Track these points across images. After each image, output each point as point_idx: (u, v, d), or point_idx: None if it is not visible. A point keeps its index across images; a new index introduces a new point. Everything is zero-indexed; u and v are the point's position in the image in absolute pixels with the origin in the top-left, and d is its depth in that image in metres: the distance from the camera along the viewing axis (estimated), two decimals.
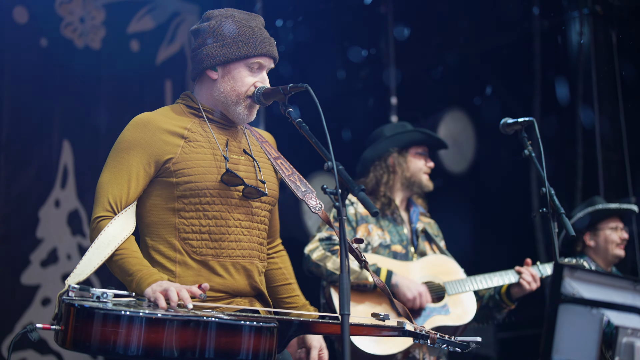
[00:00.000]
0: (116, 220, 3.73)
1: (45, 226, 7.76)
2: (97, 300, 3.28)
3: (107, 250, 3.67)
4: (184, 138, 3.86)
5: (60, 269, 7.77)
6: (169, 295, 3.41)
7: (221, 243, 3.83)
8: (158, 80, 8.76)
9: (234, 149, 3.96)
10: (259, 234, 3.96)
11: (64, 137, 7.96)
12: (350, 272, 5.25)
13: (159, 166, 3.82)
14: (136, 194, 3.82)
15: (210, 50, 3.96)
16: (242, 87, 3.93)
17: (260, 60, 3.95)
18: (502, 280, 5.73)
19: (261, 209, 3.96)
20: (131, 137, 3.86)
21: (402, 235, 5.80)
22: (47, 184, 7.84)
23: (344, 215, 3.27)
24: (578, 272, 2.90)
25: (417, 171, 5.93)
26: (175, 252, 3.82)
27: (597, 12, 7.78)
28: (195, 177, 3.80)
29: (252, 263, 3.89)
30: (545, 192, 4.57)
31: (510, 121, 4.85)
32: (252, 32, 3.97)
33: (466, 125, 8.82)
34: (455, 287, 5.68)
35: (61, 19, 8.02)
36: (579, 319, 2.87)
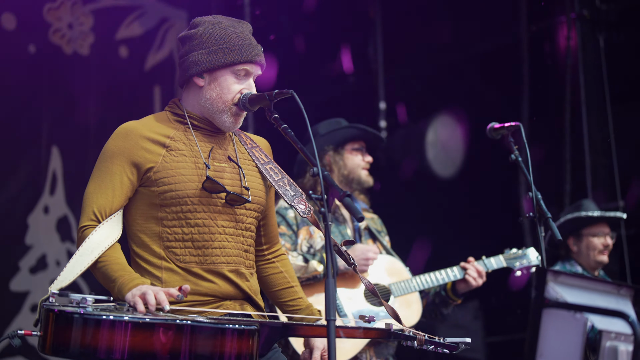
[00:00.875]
0: (100, 228, 3.75)
1: (34, 232, 7.75)
2: (77, 305, 3.28)
3: (90, 258, 3.69)
4: (165, 147, 3.86)
5: (50, 275, 7.75)
6: (146, 298, 3.42)
7: (205, 250, 3.83)
8: (147, 86, 8.75)
9: (219, 156, 3.95)
10: (244, 240, 3.95)
11: (52, 143, 7.95)
12: (297, 270, 5.29)
13: (141, 175, 3.83)
14: (120, 202, 3.83)
15: (197, 57, 3.95)
16: (228, 94, 3.92)
17: (247, 67, 3.94)
18: (447, 277, 5.68)
19: (246, 216, 3.95)
20: (114, 147, 3.87)
21: (344, 235, 5.69)
22: (36, 190, 7.83)
23: (329, 221, 3.28)
24: (562, 276, 2.92)
25: (354, 167, 5.78)
26: (160, 259, 3.83)
27: (584, 16, 7.81)
28: (176, 186, 3.80)
29: (237, 269, 3.89)
30: (532, 196, 4.59)
31: (497, 126, 4.86)
32: (238, 39, 3.96)
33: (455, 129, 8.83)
34: (401, 289, 5.61)
35: (49, 25, 8.01)
36: (563, 323, 2.88)
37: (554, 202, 7.36)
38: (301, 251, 5.55)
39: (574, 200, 7.20)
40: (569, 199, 7.59)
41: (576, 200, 7.13)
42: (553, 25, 8.17)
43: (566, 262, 6.68)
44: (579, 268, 6.60)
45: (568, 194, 7.64)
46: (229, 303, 3.86)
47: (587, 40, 7.84)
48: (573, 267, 6.62)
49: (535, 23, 8.34)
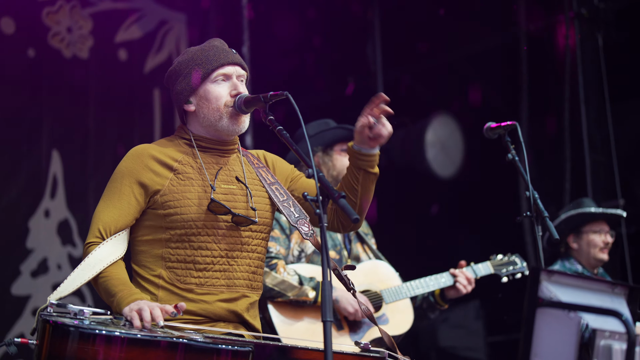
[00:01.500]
0: (104, 245, 3.82)
1: (35, 236, 7.76)
2: (74, 317, 3.29)
3: (91, 272, 3.74)
4: (173, 170, 3.94)
5: (51, 279, 7.77)
6: (142, 314, 3.45)
7: (205, 273, 3.87)
8: (146, 89, 8.76)
9: (226, 177, 4.00)
10: (251, 262, 3.97)
11: (53, 147, 7.96)
12: (289, 288, 5.28)
13: (148, 196, 3.91)
14: (126, 221, 3.91)
15: (178, 88, 4.06)
16: (217, 101, 3.97)
17: (222, 71, 4.00)
18: (437, 284, 5.67)
19: (252, 238, 3.98)
20: (124, 168, 3.98)
21: (334, 240, 5.66)
22: (36, 194, 7.84)
23: (325, 222, 3.28)
24: (555, 275, 2.93)
25: (343, 168, 5.64)
26: (159, 279, 3.89)
27: (583, 15, 7.81)
28: (182, 210, 3.87)
29: (237, 292, 3.91)
30: (530, 195, 4.60)
31: (494, 125, 4.87)
32: (204, 52, 4.05)
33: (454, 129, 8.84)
34: (393, 295, 5.59)
35: (48, 28, 8.02)
36: (557, 322, 2.88)
37: (553, 201, 7.36)
38: (293, 257, 5.54)
39: (574, 199, 7.19)
40: (569, 197, 7.59)
41: (576, 199, 7.13)
42: (552, 24, 8.17)
43: (565, 261, 6.68)
44: (578, 266, 6.60)
45: (567, 193, 7.64)
46: (222, 324, 3.88)
47: (586, 38, 7.84)
48: (573, 265, 6.62)
49: (533, 22, 8.34)
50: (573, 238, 6.66)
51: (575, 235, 6.66)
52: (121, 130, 8.43)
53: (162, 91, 8.79)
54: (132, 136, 8.52)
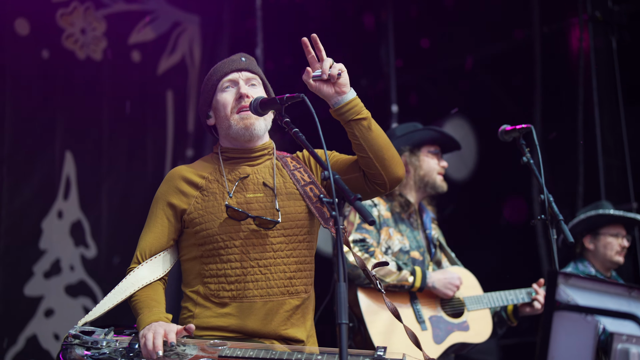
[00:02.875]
0: (139, 268, 3.97)
1: (48, 237, 7.79)
2: (92, 345, 3.37)
3: (122, 295, 3.89)
4: (199, 188, 4.02)
5: (63, 280, 7.79)
6: (146, 344, 3.59)
7: (237, 285, 3.91)
8: (159, 90, 8.79)
9: (252, 185, 4.03)
10: (286, 268, 3.96)
11: (66, 148, 7.98)
12: (388, 274, 5.30)
13: (179, 215, 4.03)
14: (161, 243, 4.04)
15: (199, 104, 4.21)
16: (225, 108, 4.05)
17: (228, 78, 4.09)
18: (516, 299, 5.69)
19: (286, 243, 3.98)
20: (159, 192, 4.12)
21: (419, 242, 5.71)
22: (49, 195, 7.87)
23: (341, 225, 3.28)
24: (573, 279, 2.91)
25: (430, 171, 5.78)
26: (197, 295, 3.96)
27: (597, 17, 7.78)
28: (207, 225, 3.94)
29: (272, 301, 3.91)
30: (544, 199, 4.59)
31: (509, 128, 4.86)
32: (216, 66, 4.16)
33: (467, 132, 8.82)
34: (475, 303, 5.64)
35: (62, 30, 8.05)
36: (574, 325, 2.87)
37: (566, 204, 7.33)
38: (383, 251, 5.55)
39: (587, 202, 7.17)
40: (582, 200, 7.55)
41: (589, 202, 7.11)
42: (565, 26, 8.14)
43: (579, 263, 6.65)
44: (592, 269, 6.58)
45: (581, 196, 7.61)
46: (256, 339, 3.90)
47: (600, 41, 7.81)
48: (586, 268, 6.59)
49: (547, 25, 8.31)
50: (590, 239, 6.63)
51: (592, 236, 6.63)
52: (134, 131, 8.46)
53: (175, 93, 8.81)
54: (144, 137, 8.54)
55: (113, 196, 8.19)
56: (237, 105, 4.01)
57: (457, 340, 5.49)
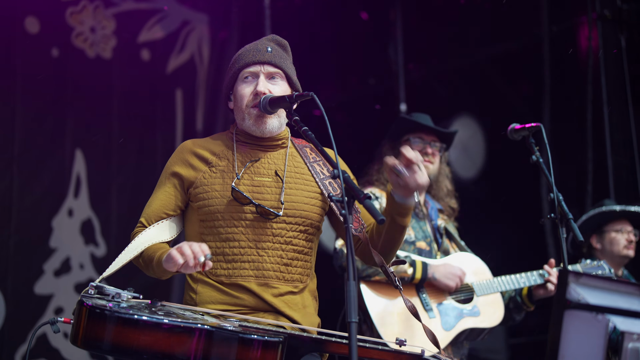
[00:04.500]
0: (147, 230, 3.97)
1: (58, 236, 7.79)
2: (112, 299, 3.32)
3: (134, 252, 3.85)
4: (208, 163, 4.04)
5: (73, 279, 7.80)
6: (182, 249, 3.53)
7: (234, 264, 3.92)
8: (169, 89, 8.81)
9: (263, 170, 4.03)
10: (284, 254, 3.97)
11: (76, 146, 7.99)
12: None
13: (186, 187, 4.04)
14: (167, 209, 4.05)
15: (224, 84, 4.21)
16: (242, 100, 4.05)
17: (249, 70, 4.06)
18: (528, 282, 5.63)
19: (287, 230, 3.98)
20: (168, 163, 4.14)
21: (425, 232, 5.70)
22: (60, 194, 7.88)
23: (350, 223, 3.27)
24: (583, 277, 2.90)
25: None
26: (198, 272, 3.94)
27: (605, 16, 7.75)
28: (210, 201, 3.95)
29: (266, 284, 3.91)
30: (554, 197, 4.57)
31: (518, 127, 4.85)
32: (243, 50, 4.14)
33: (475, 131, 8.81)
34: (484, 288, 5.60)
35: (72, 28, 8.06)
36: (585, 324, 2.86)
37: (575, 203, 7.31)
38: None
39: (596, 201, 7.15)
40: (591, 199, 7.53)
41: (598, 200, 7.08)
42: (574, 25, 8.12)
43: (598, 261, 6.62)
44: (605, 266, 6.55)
45: (590, 195, 7.58)
46: (262, 314, 3.89)
47: (609, 40, 7.78)
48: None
49: (556, 24, 8.29)
50: (596, 239, 6.62)
51: (598, 235, 6.62)
52: (144, 130, 8.47)
53: (185, 91, 8.82)
54: (154, 136, 8.55)
55: (123, 194, 8.19)
56: (253, 101, 4.01)
57: (467, 325, 5.46)
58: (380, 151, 5.94)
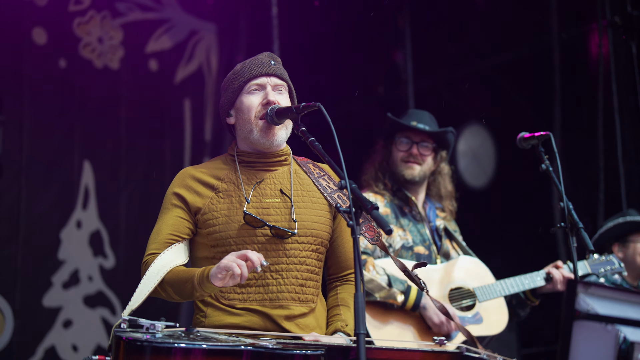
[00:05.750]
0: (163, 254, 3.89)
1: (66, 248, 7.81)
2: (146, 331, 3.30)
3: (156, 278, 3.79)
4: (214, 189, 4.00)
5: (82, 291, 7.81)
6: (247, 256, 3.52)
7: (248, 289, 3.90)
8: (177, 99, 8.82)
9: (270, 191, 4.01)
10: (298, 275, 3.96)
11: (84, 157, 8.01)
12: (377, 288, 5.23)
13: (193, 214, 4.00)
14: (180, 233, 3.98)
15: (221, 102, 4.15)
16: (249, 112, 4.01)
17: (256, 82, 4.04)
18: (532, 284, 5.57)
19: (300, 250, 3.97)
20: (170, 190, 4.08)
21: (423, 235, 5.64)
22: (68, 205, 7.89)
23: (358, 234, 3.27)
24: (592, 287, 2.90)
25: (394, 160, 5.77)
26: (208, 296, 3.93)
27: (616, 23, 7.74)
28: (220, 227, 3.92)
29: (280, 307, 3.91)
30: (564, 206, 4.57)
31: (527, 135, 4.84)
32: (244, 65, 4.11)
33: (485, 139, 8.80)
34: (486, 293, 5.52)
35: (80, 39, 8.08)
36: (594, 335, 2.86)
37: (586, 212, 7.30)
38: (381, 252, 5.47)
39: (608, 209, 7.13)
40: (603, 208, 7.51)
41: (610, 209, 7.07)
42: (584, 32, 8.12)
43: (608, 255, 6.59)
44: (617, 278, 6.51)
45: (601, 203, 7.56)
46: (267, 333, 3.87)
47: (619, 47, 7.77)
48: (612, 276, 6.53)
49: (566, 30, 8.29)
50: (618, 247, 6.57)
51: (621, 244, 6.57)
52: (152, 140, 8.48)
53: (193, 102, 8.83)
54: (162, 146, 8.56)
55: (131, 206, 8.21)
56: (263, 111, 3.98)
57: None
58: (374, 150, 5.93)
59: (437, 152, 5.84)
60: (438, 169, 5.88)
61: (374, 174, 5.80)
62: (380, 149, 5.86)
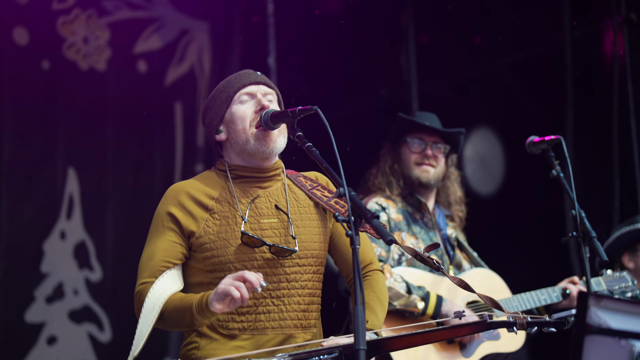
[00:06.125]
0: (157, 283, 3.86)
1: (50, 260, 7.78)
2: None
3: (153, 314, 3.77)
4: (208, 210, 3.98)
5: (67, 305, 7.79)
6: (245, 277, 3.50)
7: (248, 316, 3.89)
8: (168, 102, 8.80)
9: (266, 210, 4.02)
10: (301, 300, 3.96)
11: (68, 164, 7.99)
12: (396, 296, 5.24)
13: (186, 236, 3.97)
14: (174, 258, 3.96)
15: (207, 120, 4.17)
16: (242, 122, 4.03)
17: (246, 91, 4.07)
18: (549, 299, 5.60)
19: (301, 273, 3.98)
20: (161, 210, 4.05)
21: None
22: (51, 215, 7.87)
23: (357, 245, 3.28)
24: (605, 300, 2.91)
25: (406, 162, 5.82)
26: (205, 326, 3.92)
27: (632, 20, 7.75)
28: (218, 251, 3.90)
29: (284, 334, 3.91)
30: (575, 214, 4.58)
31: (537, 139, 4.86)
32: (228, 79, 4.15)
33: (494, 143, 8.80)
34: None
35: (63, 39, 8.06)
36: (607, 350, 2.87)
37: (602, 220, 7.30)
38: (393, 260, 5.48)
39: (623, 218, 7.13)
40: (618, 215, 7.51)
41: (626, 216, 7.06)
42: (598, 30, 8.12)
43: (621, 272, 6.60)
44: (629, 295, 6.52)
45: (617, 211, 7.56)
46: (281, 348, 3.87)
47: (635, 45, 7.78)
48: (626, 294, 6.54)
49: (579, 28, 8.29)
50: (628, 257, 6.57)
51: (631, 253, 6.57)
52: (141, 146, 8.46)
53: (184, 105, 8.82)
54: (152, 152, 8.55)
55: (119, 215, 8.18)
56: (257, 119, 4.00)
57: (488, 351, 5.41)
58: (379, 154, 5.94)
59: (449, 154, 5.87)
60: (447, 174, 5.90)
61: (384, 178, 5.81)
62: (388, 152, 5.87)
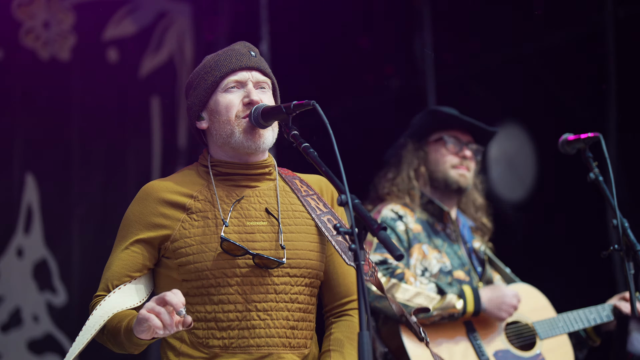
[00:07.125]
0: (108, 297, 3.88)
1: (5, 281, 7.80)
2: None
3: (92, 330, 3.78)
4: (186, 210, 3.99)
5: (25, 334, 7.79)
6: (166, 299, 3.48)
7: (230, 332, 3.89)
8: (142, 96, 8.80)
9: (254, 211, 4.02)
10: (290, 315, 3.96)
11: (26, 169, 8.00)
12: (427, 300, 5.25)
13: (157, 242, 3.97)
14: (131, 271, 3.98)
15: (189, 102, 4.14)
16: (227, 112, 4.01)
17: (235, 78, 4.04)
18: (599, 318, 5.51)
19: (291, 285, 3.98)
20: (131, 213, 4.06)
21: (461, 258, 5.69)
22: (6, 229, 7.89)
23: (362, 260, 3.28)
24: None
25: (438, 163, 5.84)
26: (180, 342, 3.94)
27: None
28: (195, 257, 3.90)
29: (270, 354, 3.91)
30: (617, 224, 4.58)
31: (571, 138, 4.86)
32: (217, 57, 4.11)
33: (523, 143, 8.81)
34: (548, 329, 5.54)
35: (20, 24, 8.06)
36: None
37: None
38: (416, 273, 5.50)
39: None
40: None
41: None
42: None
43: None
44: None
45: None
46: None
47: None
48: None
49: (623, 7, 8.28)
50: None
51: None
52: (111, 147, 8.45)
53: (162, 100, 8.80)
54: (124, 155, 8.54)
55: (86, 229, 8.18)
56: (245, 111, 3.98)
57: None
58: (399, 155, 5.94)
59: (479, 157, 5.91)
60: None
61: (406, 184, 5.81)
62: (412, 152, 5.87)
